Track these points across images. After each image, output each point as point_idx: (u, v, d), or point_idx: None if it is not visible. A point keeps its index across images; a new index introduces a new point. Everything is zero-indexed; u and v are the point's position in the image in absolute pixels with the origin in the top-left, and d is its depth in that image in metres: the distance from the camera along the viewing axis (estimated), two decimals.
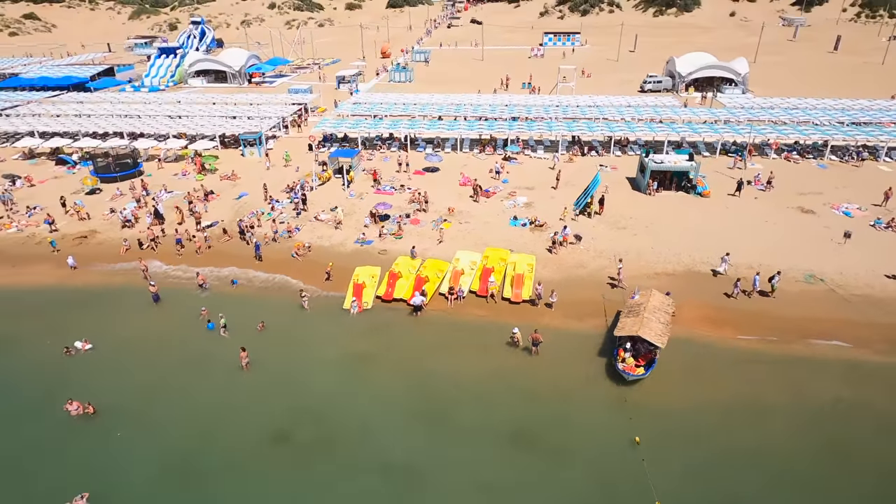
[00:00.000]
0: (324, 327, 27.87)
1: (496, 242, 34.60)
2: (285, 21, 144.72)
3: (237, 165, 47.75)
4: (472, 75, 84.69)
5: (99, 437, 21.56)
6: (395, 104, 59.60)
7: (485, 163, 47.92)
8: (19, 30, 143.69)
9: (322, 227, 37.11)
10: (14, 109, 61.11)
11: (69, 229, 37.55)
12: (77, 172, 47.18)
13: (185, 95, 65.91)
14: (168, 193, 42.20)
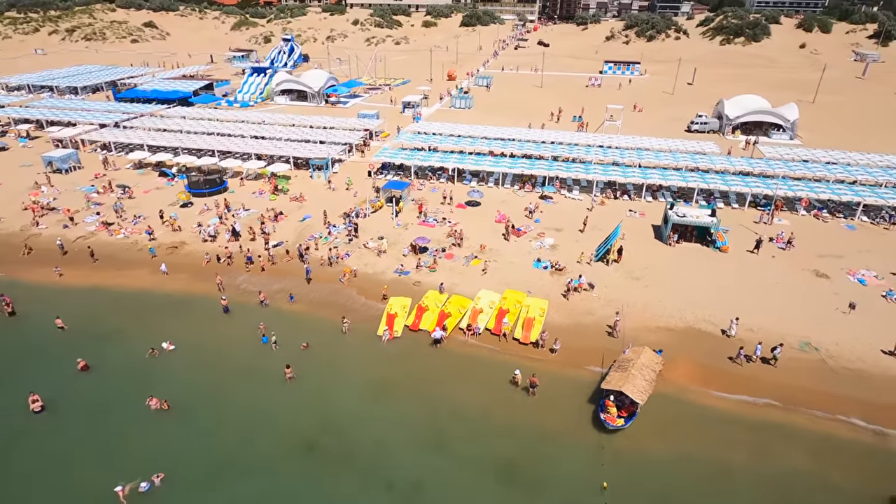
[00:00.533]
0: (358, 351, 31.52)
1: (517, 283, 37.13)
2: (365, 38, 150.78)
3: (305, 187, 52.42)
4: (529, 104, 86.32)
5: (171, 429, 26.11)
6: (448, 135, 62.73)
7: (522, 200, 50.24)
8: (140, 37, 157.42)
9: (368, 255, 40.86)
10: (130, 122, 68.86)
11: (164, 239, 43.20)
12: (175, 185, 53.31)
13: (269, 115, 71.56)
14: (245, 211, 47.28)
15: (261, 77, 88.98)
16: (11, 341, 32.37)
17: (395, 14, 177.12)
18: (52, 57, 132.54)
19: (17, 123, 70.13)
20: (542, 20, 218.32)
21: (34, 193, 50.85)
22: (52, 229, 44.65)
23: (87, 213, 47.30)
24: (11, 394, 27.66)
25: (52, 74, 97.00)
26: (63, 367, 29.64)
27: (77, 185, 52.77)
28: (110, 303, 36.01)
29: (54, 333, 32.94)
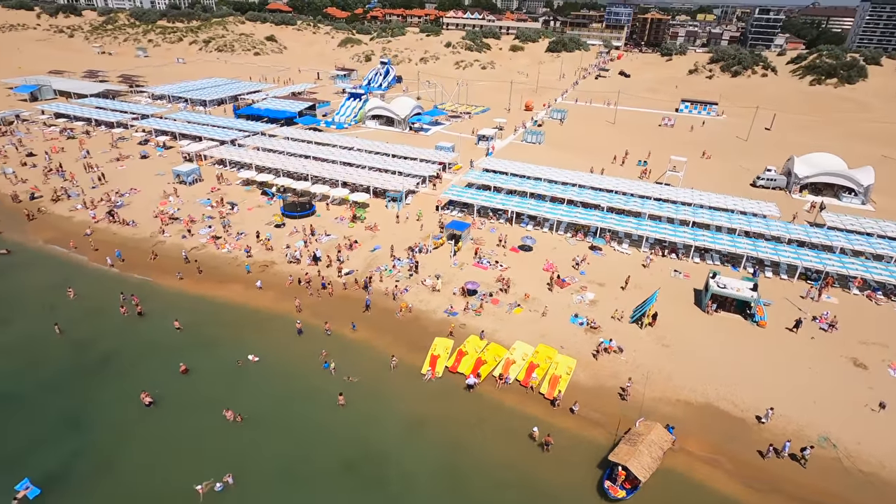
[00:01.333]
0: (402, 386, 34.31)
1: (553, 335, 38.45)
2: (455, 61, 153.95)
3: (380, 217, 56.08)
4: (598, 142, 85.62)
5: (242, 438, 30.16)
6: (512, 175, 64.24)
7: (573, 249, 50.98)
8: (261, 50, 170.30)
9: (424, 291, 43.63)
10: (244, 139, 76.04)
11: (258, 257, 48.30)
12: (273, 204, 58.85)
13: (358, 141, 76.24)
14: (327, 237, 51.61)
15: (356, 102, 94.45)
16: (140, 338, 38.03)
17: (486, 37, 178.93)
18: (190, 66, 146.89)
19: (158, 135, 79.58)
20: (628, 46, 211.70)
21: (163, 203, 58.18)
22: (173, 238, 51.21)
23: (201, 224, 53.63)
24: (131, 386, 32.99)
25: (187, 86, 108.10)
26: (170, 367, 34.74)
27: (197, 198, 59.66)
28: (211, 312, 41.27)
29: (172, 334, 38.47)
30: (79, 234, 51.75)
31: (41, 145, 74.99)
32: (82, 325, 38.89)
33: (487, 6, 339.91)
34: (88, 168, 66.77)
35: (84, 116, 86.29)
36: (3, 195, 59.51)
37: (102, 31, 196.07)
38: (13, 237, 51.52)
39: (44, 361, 35.51)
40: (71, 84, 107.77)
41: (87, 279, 44.71)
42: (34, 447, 29.07)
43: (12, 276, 45.27)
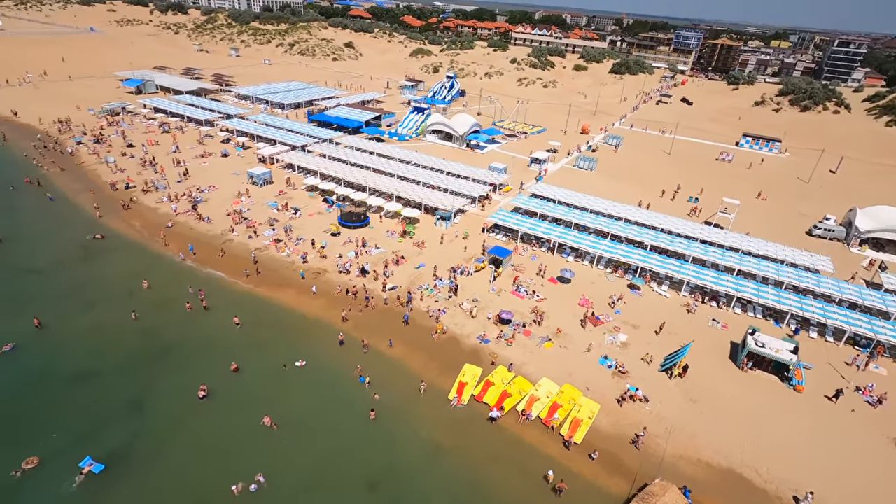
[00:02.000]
0: (428, 410, 34.54)
1: (579, 375, 37.54)
2: (518, 78, 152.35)
3: (427, 234, 56.57)
4: (651, 173, 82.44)
5: (276, 443, 31.34)
6: (560, 204, 62.97)
7: (610, 286, 49.47)
8: (339, 56, 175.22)
9: (461, 315, 43.68)
10: (313, 146, 78.68)
11: (313, 264, 49.93)
12: (332, 212, 60.61)
13: (416, 156, 77.05)
14: (376, 250, 52.63)
15: (419, 115, 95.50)
16: (200, 332, 40.30)
17: (552, 55, 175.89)
18: (274, 67, 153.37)
19: (238, 135, 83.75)
20: (694, 71, 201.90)
21: (236, 202, 61.23)
22: (241, 237, 53.83)
23: (266, 227, 56.04)
24: (189, 378, 35.07)
25: (269, 89, 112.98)
26: (224, 363, 36.62)
27: (266, 200, 62.39)
28: (265, 313, 43.11)
29: (229, 330, 40.55)
30: (161, 225, 55.39)
31: (140, 137, 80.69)
32: (154, 313, 41.63)
33: (557, 21, 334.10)
34: (176, 163, 71.26)
35: (178, 112, 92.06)
36: (104, 183, 64.58)
37: (203, 29, 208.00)
38: (109, 223, 55.82)
39: (120, 344, 38.31)
40: (171, 80, 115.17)
41: (163, 270, 47.77)
42: (104, 424, 31.47)
43: (103, 260, 49.08)
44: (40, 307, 41.18)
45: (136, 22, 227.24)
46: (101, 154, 72.63)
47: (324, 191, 65.31)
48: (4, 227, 52.59)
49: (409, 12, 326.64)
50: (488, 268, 50.60)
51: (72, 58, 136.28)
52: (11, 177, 64.26)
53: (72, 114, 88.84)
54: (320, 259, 50.54)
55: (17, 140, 77.36)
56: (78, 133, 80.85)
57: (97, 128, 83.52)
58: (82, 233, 52.90)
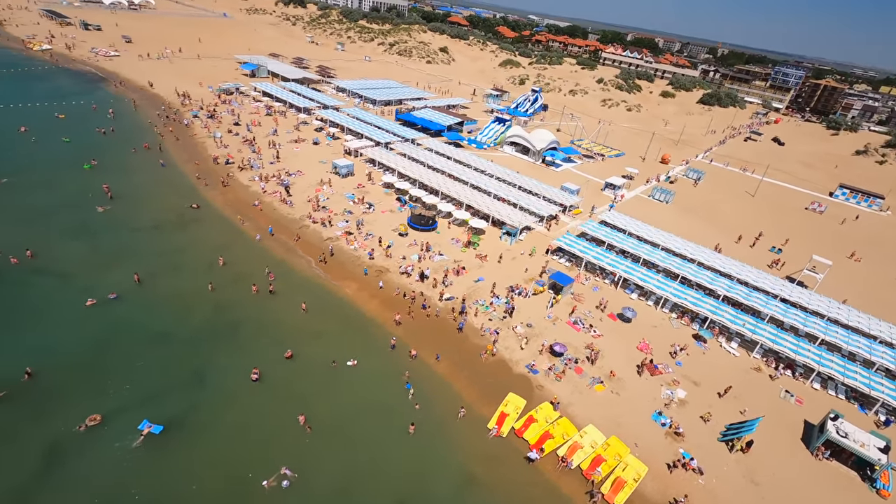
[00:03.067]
0: (466, 437, 31.72)
1: (628, 428, 33.19)
2: (602, 99, 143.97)
3: (491, 247, 53.41)
4: (730, 214, 73.97)
5: (309, 447, 29.81)
6: (631, 236, 57.42)
7: (674, 333, 44.04)
8: (433, 60, 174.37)
9: (512, 339, 40.31)
10: (396, 145, 77.55)
11: (378, 261, 48.40)
12: (403, 211, 58.94)
13: (490, 166, 73.69)
14: (439, 256, 50.23)
15: (500, 126, 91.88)
16: (265, 314, 39.78)
17: (640, 78, 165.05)
18: (373, 64, 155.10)
19: (331, 125, 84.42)
20: (789, 110, 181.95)
21: (318, 189, 61.14)
22: (316, 225, 53.40)
23: (340, 217, 55.31)
24: (247, 358, 34.54)
25: (364, 84, 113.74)
26: (282, 348, 35.78)
27: (345, 191, 61.85)
28: (326, 303, 42.03)
29: (292, 315, 39.84)
30: (249, 203, 56.23)
31: (246, 117, 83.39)
32: (227, 288, 41.75)
33: (649, 45, 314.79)
34: (272, 145, 72.66)
35: (282, 98, 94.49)
36: (208, 156, 66.91)
37: (316, 23, 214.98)
38: (206, 194, 57.48)
39: (194, 312, 38.64)
40: (281, 67, 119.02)
41: (241, 248, 48.07)
42: (168, 390, 31.46)
43: (193, 229, 50.31)
44: (139, 263, 42.69)
45: (262, 11, 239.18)
46: (211, 129, 75.60)
47: (399, 190, 63.82)
48: (120, 186, 55.47)
49: (504, 23, 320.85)
50: (547, 293, 46.71)
51: (204, 39, 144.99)
52: (135, 140, 68.13)
53: (194, 89, 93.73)
54: (385, 258, 48.91)
55: (146, 108, 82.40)
56: (195, 107, 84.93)
57: (212, 104, 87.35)
58: (182, 200, 54.72)
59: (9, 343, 33.13)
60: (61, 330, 34.89)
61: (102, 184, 54.51)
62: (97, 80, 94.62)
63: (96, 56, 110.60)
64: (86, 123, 72.17)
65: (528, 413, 33.09)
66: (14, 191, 51.80)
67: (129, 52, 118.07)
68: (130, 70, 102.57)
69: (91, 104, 79.79)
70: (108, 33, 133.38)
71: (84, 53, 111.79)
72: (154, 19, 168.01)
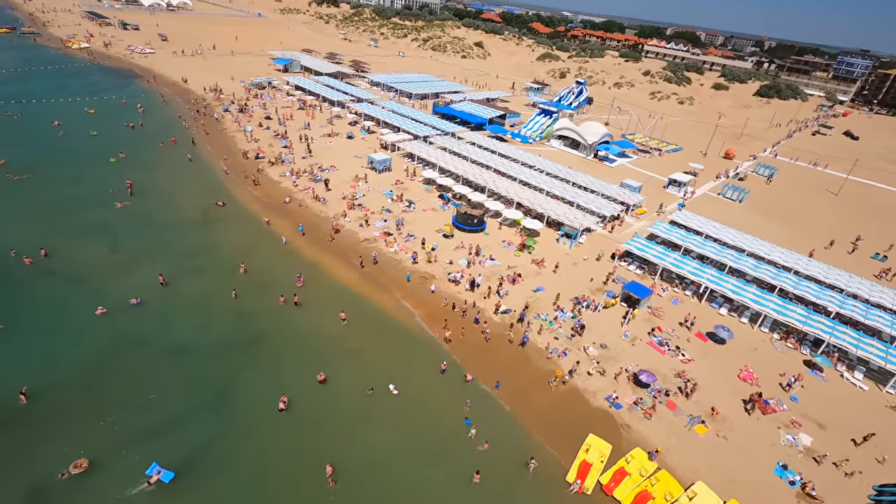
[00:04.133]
0: (541, 488, 25.15)
1: (747, 485, 25.85)
2: (650, 91, 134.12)
3: (548, 252, 46.55)
4: (812, 215, 64.54)
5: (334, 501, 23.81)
6: (707, 240, 49.40)
7: (779, 357, 36.12)
8: (468, 54, 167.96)
9: (585, 363, 33.36)
10: (434, 138, 71.46)
11: (421, 266, 42.28)
12: (447, 210, 52.73)
13: (540, 161, 66.70)
14: (491, 261, 43.72)
15: (546, 118, 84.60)
16: (293, 328, 34.27)
17: (689, 70, 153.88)
18: (407, 60, 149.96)
19: (365, 119, 79.17)
20: (856, 103, 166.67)
21: (353, 185, 55.67)
22: (352, 224, 47.80)
23: (378, 216, 49.55)
24: (276, 381, 29.04)
25: (399, 78, 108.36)
26: (315, 368, 30.11)
27: (382, 188, 56.15)
28: (364, 314, 36.10)
29: (327, 327, 34.24)
30: (279, 199, 51.24)
31: (278, 112, 79.09)
32: (252, 296, 36.52)
33: (691, 39, 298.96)
34: (303, 139, 67.87)
35: (315, 92, 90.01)
36: (238, 150, 62.53)
37: (349, 21, 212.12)
38: (233, 190, 52.85)
39: (217, 322, 33.61)
40: (314, 62, 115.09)
41: (268, 249, 42.86)
42: (182, 422, 26.22)
43: (219, 228, 45.53)
44: (162, 264, 38.18)
45: (296, 11, 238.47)
46: (242, 123, 71.52)
47: (441, 186, 57.69)
48: (144, 181, 51.48)
49: (538, 19, 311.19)
50: (619, 305, 39.54)
51: (240, 37, 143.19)
52: (164, 135, 64.48)
53: (226, 84, 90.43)
54: (429, 262, 42.74)
55: (178, 103, 79.24)
56: (227, 101, 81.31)
57: (243, 98, 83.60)
58: (208, 197, 50.20)
59: (10, 356, 28.65)
60: (67, 342, 30.27)
61: (126, 179, 50.56)
62: (131, 77, 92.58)
63: (132, 53, 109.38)
64: (115, 118, 69.21)
65: (616, 463, 26.20)
66: (35, 185, 48.38)
67: (164, 49, 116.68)
68: (164, 66, 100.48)
69: (122, 99, 77.11)
70: (145, 32, 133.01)
71: (120, 51, 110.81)
72: (191, 19, 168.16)
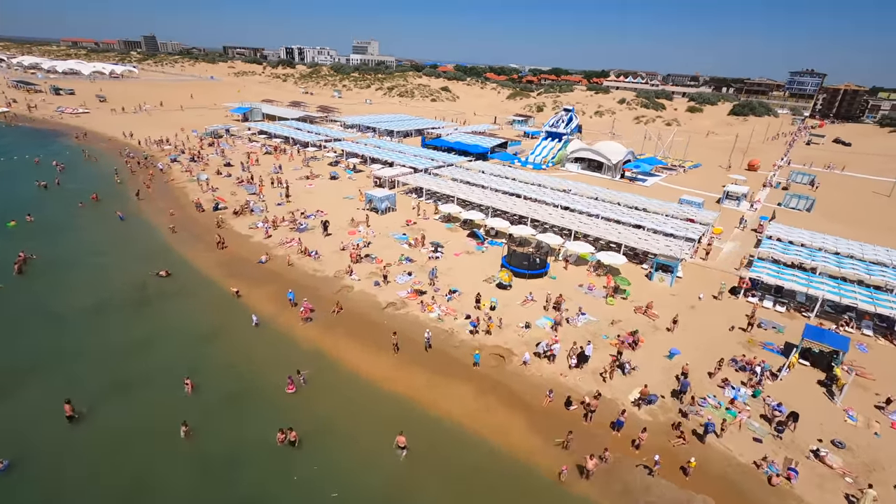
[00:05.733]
0: None
1: None
2: (634, 116, 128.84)
3: (642, 293, 32.55)
4: (886, 217, 54.46)
5: None
6: (818, 250, 37.09)
7: None
8: (437, 97, 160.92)
9: (834, 481, 18.53)
10: (438, 170, 58.33)
11: (485, 338, 27.00)
12: (486, 251, 38.41)
13: (573, 184, 54.46)
14: (583, 317, 29.06)
15: (554, 142, 73.64)
16: (302, 493, 18.12)
17: (658, 97, 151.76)
18: (376, 106, 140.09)
19: (348, 157, 65.49)
20: (816, 118, 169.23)
21: (351, 232, 40.74)
22: (364, 283, 32.38)
23: (398, 268, 34.47)
24: None
25: (376, 119, 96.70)
26: None
27: (390, 231, 41.46)
28: (427, 436, 20.19)
29: (390, 463, 18.09)
30: (252, 259, 35.46)
31: (240, 157, 64.28)
32: (215, 430, 20.06)
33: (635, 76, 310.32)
34: (276, 183, 53.05)
35: (283, 135, 76.10)
36: (189, 203, 46.71)
37: (308, 78, 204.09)
38: (185, 252, 36.71)
39: (159, 496, 16.80)
40: (277, 110, 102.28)
41: (239, 338, 26.67)
42: None
43: (161, 309, 29.10)
44: (59, 380, 21.39)
45: (251, 73, 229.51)
46: (195, 172, 56.06)
47: (466, 222, 43.62)
48: (49, 248, 34.80)
49: (490, 70, 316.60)
50: (798, 364, 25.43)
51: (193, 95, 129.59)
52: (87, 192, 47.99)
53: (175, 135, 75.29)
54: (495, 330, 27.58)
55: (111, 158, 63.16)
56: (176, 151, 65.94)
57: (196, 147, 68.51)
58: (145, 265, 33.88)
59: None
60: None
61: (20, 250, 33.66)
62: (55, 136, 76.00)
63: (61, 115, 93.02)
64: (24, 178, 52.29)
65: None
66: None
67: (101, 109, 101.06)
68: (99, 124, 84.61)
69: (35, 158, 60.24)
70: (81, 96, 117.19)
71: (48, 113, 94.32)
72: (137, 84, 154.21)
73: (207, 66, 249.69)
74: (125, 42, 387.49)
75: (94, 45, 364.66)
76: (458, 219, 44.61)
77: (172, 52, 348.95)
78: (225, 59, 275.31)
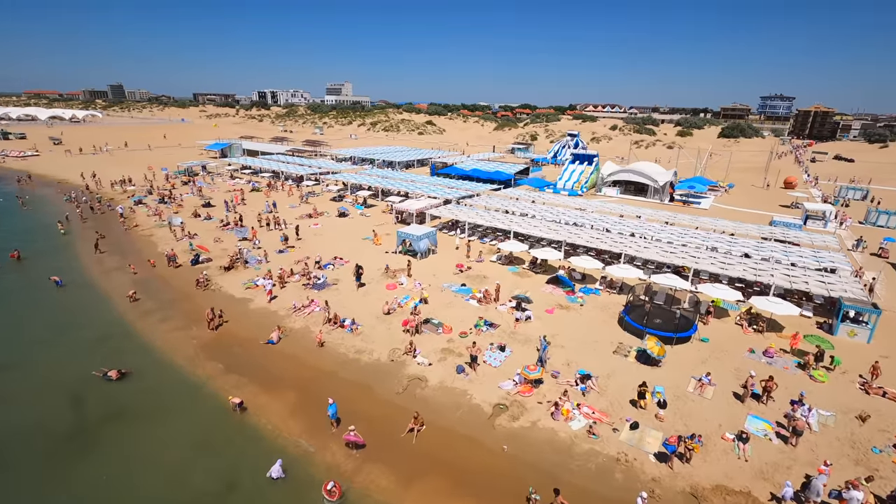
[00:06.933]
0: None
1: None
2: (633, 141, 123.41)
3: (842, 354, 21.85)
4: None
5: None
6: None
7: None
8: (423, 131, 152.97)
9: None
10: (464, 200, 47.54)
11: (692, 473, 15.36)
12: (583, 303, 27.18)
13: (645, 212, 44.57)
14: (801, 406, 17.86)
15: (584, 165, 64.49)
16: None
17: (646, 123, 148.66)
18: (361, 141, 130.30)
19: (353, 190, 54.06)
20: (792, 139, 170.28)
21: (390, 286, 28.86)
22: (440, 369, 20.36)
23: (481, 339, 22.67)
24: None
25: (370, 150, 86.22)
26: None
27: (440, 280, 29.82)
28: None
29: None
30: (255, 337, 23.01)
31: (222, 196, 51.93)
32: None
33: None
34: (273, 224, 40.95)
35: (271, 169, 64.26)
36: (158, 255, 33.89)
37: (286, 117, 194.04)
38: (149, 332, 23.89)
39: None
40: (260, 145, 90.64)
41: (246, 496, 14.20)
42: None
43: (114, 437, 16.21)
44: None
45: (224, 115, 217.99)
46: (165, 216, 43.35)
47: (540, 264, 32.44)
48: None
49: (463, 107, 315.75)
50: None
51: (159, 137, 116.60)
52: (11, 248, 34.52)
53: (140, 175, 62.37)
54: (700, 452, 15.99)
55: (59, 203, 49.66)
56: (142, 192, 53.05)
57: (167, 186, 55.82)
58: (86, 361, 20.91)
59: None
60: None
61: None
62: None
63: (3, 159, 78.44)
64: None
65: None
66: None
67: (54, 151, 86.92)
68: (50, 166, 70.92)
69: None
70: (32, 140, 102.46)
71: None
72: (99, 128, 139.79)
73: (178, 110, 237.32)
74: (90, 91, 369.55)
75: (59, 95, 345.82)
76: (523, 259, 33.49)
77: (140, 99, 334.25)
78: (196, 104, 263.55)
